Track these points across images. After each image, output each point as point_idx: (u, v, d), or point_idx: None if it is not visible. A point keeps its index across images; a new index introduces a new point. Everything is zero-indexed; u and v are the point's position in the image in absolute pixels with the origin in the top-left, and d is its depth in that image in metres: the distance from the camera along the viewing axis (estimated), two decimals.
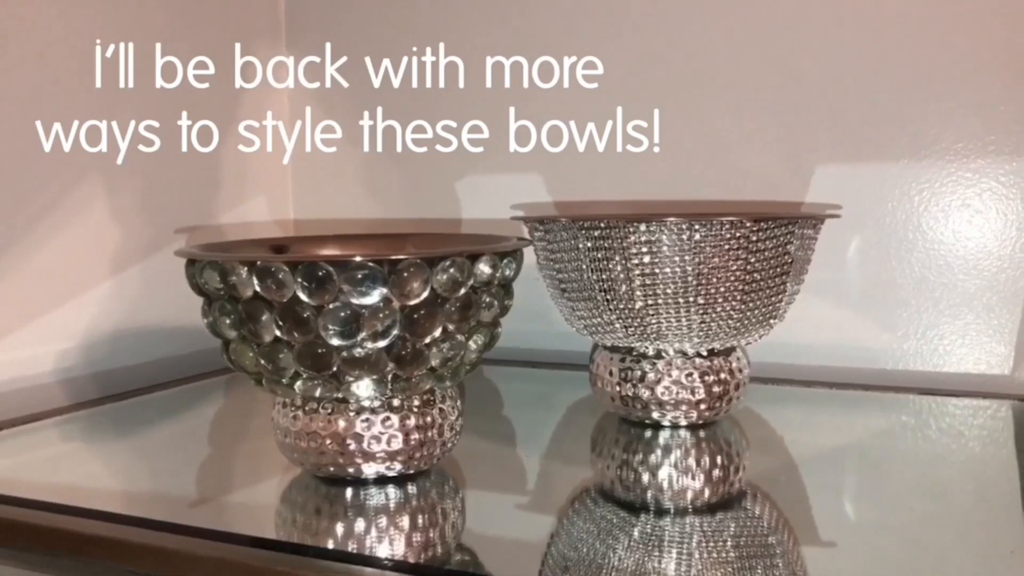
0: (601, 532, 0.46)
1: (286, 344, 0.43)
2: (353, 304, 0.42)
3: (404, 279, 0.42)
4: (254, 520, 0.47)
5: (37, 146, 0.67)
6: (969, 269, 0.69)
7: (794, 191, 0.72)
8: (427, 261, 0.42)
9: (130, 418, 0.67)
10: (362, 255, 0.41)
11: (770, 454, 0.59)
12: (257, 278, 0.42)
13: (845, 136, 0.71)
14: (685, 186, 0.76)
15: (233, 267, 0.42)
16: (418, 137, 0.84)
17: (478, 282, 0.44)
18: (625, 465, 0.55)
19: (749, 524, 0.50)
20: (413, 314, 0.43)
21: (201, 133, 0.80)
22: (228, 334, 0.45)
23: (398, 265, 0.41)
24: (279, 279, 0.41)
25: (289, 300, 0.42)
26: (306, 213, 0.91)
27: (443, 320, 0.44)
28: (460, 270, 0.43)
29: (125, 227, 0.74)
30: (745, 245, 0.52)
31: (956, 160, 0.68)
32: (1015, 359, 0.68)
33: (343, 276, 0.41)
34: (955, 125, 0.68)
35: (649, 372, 0.56)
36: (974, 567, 0.42)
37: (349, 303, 0.42)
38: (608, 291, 0.54)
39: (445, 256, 0.42)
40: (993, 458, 0.58)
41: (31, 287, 0.67)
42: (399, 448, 0.46)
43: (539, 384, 0.78)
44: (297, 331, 0.42)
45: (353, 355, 0.43)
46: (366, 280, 0.41)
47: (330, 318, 0.42)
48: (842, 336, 0.73)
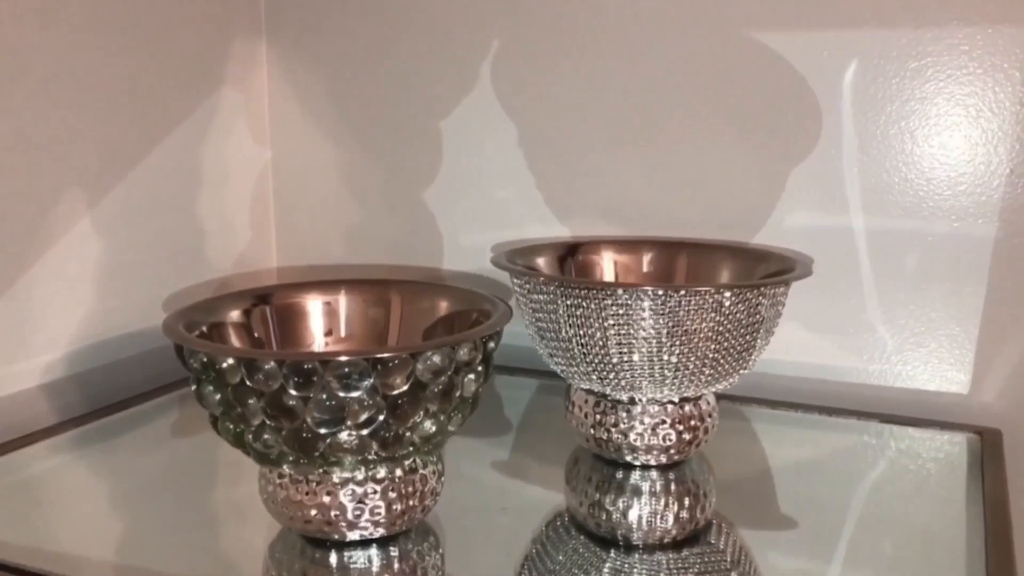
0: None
1: (272, 429, 0.44)
2: (339, 396, 0.43)
3: (389, 370, 0.43)
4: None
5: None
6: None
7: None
8: (412, 355, 0.43)
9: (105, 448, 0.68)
10: (348, 353, 0.42)
11: (735, 485, 0.62)
12: (245, 369, 0.43)
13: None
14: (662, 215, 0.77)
15: (220, 357, 0.43)
16: (396, 134, 0.84)
17: (460, 364, 0.46)
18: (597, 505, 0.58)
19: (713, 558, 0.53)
20: (397, 401, 0.44)
21: (183, 135, 0.80)
22: (214, 410, 0.46)
23: (383, 360, 0.43)
24: (267, 371, 0.43)
25: (276, 390, 0.43)
26: (287, 213, 0.92)
27: (426, 404, 0.45)
28: (444, 358, 0.44)
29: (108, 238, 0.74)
30: (717, 309, 0.53)
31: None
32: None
33: (330, 371, 0.42)
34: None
35: (623, 419, 0.58)
36: None
37: (335, 395, 0.43)
38: (584, 346, 0.55)
39: (429, 348, 0.44)
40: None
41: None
42: (382, 517, 0.48)
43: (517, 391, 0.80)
44: (283, 418, 0.44)
45: (338, 441, 0.44)
46: (352, 374, 0.42)
47: (316, 408, 0.43)
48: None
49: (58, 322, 0.71)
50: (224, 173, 0.86)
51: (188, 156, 0.82)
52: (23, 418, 0.68)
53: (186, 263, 0.83)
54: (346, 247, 0.90)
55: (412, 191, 0.86)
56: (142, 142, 0.76)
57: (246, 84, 0.87)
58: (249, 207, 0.90)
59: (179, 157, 0.80)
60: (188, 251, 0.83)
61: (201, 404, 0.47)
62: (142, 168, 0.76)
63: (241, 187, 0.89)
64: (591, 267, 0.70)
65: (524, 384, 0.81)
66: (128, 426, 0.70)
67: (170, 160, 0.79)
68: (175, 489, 0.61)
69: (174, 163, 0.80)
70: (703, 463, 0.63)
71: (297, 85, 0.88)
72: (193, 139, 0.82)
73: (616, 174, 0.78)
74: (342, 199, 0.89)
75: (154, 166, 0.78)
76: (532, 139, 0.80)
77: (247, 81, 0.87)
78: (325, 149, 0.89)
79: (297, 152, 0.90)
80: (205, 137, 0.83)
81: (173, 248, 0.81)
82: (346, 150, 0.88)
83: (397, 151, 0.86)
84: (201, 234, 0.84)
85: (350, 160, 0.88)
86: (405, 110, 0.84)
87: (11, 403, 0.68)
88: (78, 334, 0.72)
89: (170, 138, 0.79)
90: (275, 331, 0.55)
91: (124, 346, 0.77)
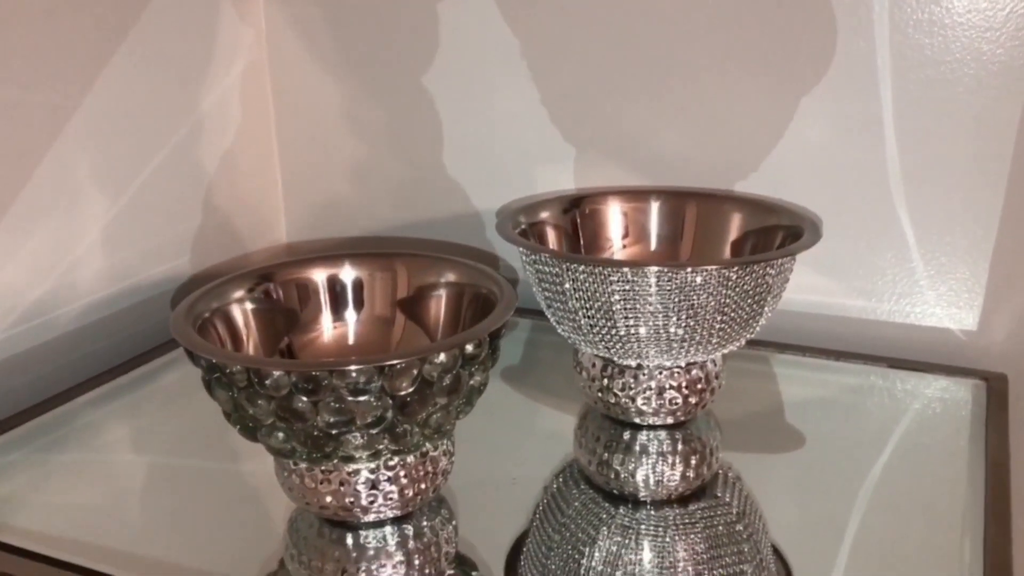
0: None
1: (283, 428, 0.45)
2: (347, 400, 0.43)
3: (397, 372, 0.43)
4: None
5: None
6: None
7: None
8: (419, 359, 0.43)
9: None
10: (356, 362, 0.42)
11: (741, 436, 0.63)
12: (253, 375, 0.43)
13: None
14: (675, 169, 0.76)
15: (228, 364, 0.43)
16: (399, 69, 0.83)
17: (467, 358, 0.46)
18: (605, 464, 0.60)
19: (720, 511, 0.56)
20: (405, 400, 0.44)
21: (180, 73, 0.79)
22: (225, 406, 0.47)
23: (391, 365, 0.43)
24: (275, 378, 0.43)
25: (286, 394, 0.43)
26: (290, 151, 0.90)
27: (434, 399, 0.45)
28: (451, 357, 0.45)
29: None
30: (724, 283, 0.53)
31: None
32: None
33: (338, 378, 0.43)
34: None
35: (630, 383, 0.59)
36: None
37: (344, 399, 0.43)
38: (591, 318, 0.55)
39: (436, 350, 0.44)
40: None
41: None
42: (395, 501, 0.49)
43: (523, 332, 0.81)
44: (293, 419, 0.44)
45: (348, 439, 0.45)
46: (360, 381, 0.43)
47: (325, 411, 0.44)
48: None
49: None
50: (225, 111, 0.84)
51: (187, 97, 0.80)
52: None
53: (190, 206, 0.82)
54: (351, 186, 0.89)
55: (417, 129, 0.84)
56: (140, 87, 0.75)
57: (243, 12, 0.84)
58: (251, 145, 0.89)
59: (178, 98, 0.79)
60: (190, 194, 0.82)
61: (212, 398, 0.47)
62: (141, 112, 0.75)
63: (242, 125, 0.87)
64: (598, 220, 0.69)
65: (528, 326, 0.82)
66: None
67: (168, 101, 0.78)
68: (196, 455, 0.62)
69: (172, 104, 0.78)
70: (710, 419, 0.64)
71: (296, 19, 0.85)
72: (194, 77, 0.80)
73: (627, 115, 0.76)
74: (345, 137, 0.87)
75: (151, 109, 0.76)
76: (541, 76, 0.78)
77: (245, 16, 0.85)
78: (326, 83, 0.87)
79: (299, 88, 0.88)
80: (204, 74, 0.81)
81: (175, 192, 0.80)
82: (347, 86, 0.86)
83: (400, 87, 0.84)
84: (202, 175, 0.83)
85: (352, 96, 0.86)
86: (408, 45, 0.82)
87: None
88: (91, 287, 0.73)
89: (167, 77, 0.77)
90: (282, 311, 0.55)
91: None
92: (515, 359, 0.77)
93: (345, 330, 0.57)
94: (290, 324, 0.56)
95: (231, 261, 0.87)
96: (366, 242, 0.89)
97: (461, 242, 0.85)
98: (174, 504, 0.57)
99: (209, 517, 0.56)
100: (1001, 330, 0.70)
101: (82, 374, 0.71)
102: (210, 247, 0.85)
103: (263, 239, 0.92)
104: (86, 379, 0.70)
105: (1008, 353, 0.70)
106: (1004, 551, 0.48)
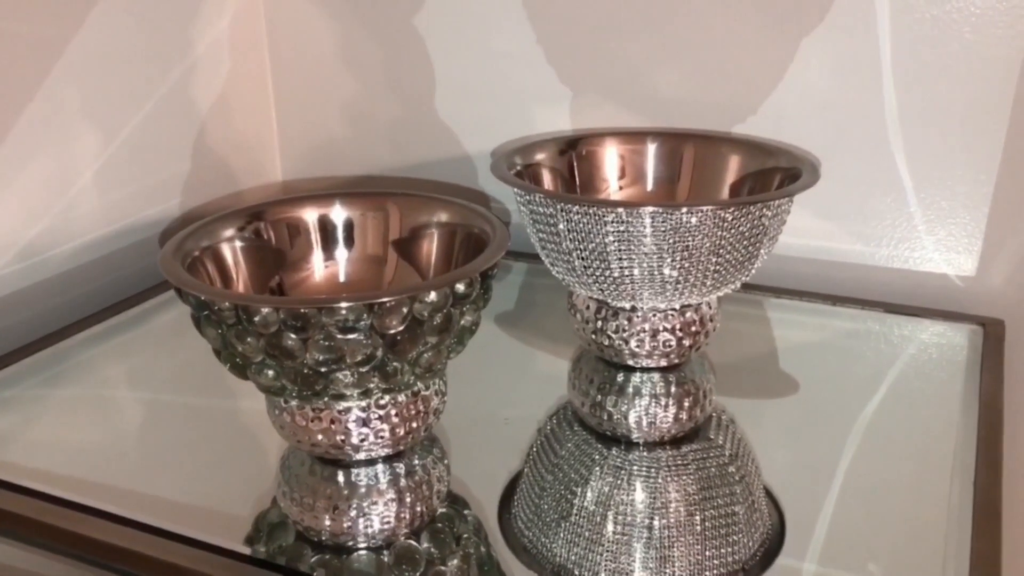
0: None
1: (273, 366, 0.45)
2: (337, 338, 0.43)
3: (386, 310, 0.43)
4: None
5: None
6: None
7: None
8: (409, 297, 0.43)
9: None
10: (345, 299, 0.42)
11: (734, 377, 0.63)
12: (242, 312, 0.43)
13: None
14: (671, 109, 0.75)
15: (216, 301, 0.43)
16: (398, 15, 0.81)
17: (458, 297, 0.46)
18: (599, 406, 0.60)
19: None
20: (396, 338, 0.44)
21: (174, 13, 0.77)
22: (215, 343, 0.46)
23: (380, 303, 0.43)
24: (264, 316, 0.43)
25: (275, 332, 0.43)
26: (285, 90, 0.89)
27: (424, 337, 0.45)
28: (441, 295, 0.44)
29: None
30: (720, 224, 0.52)
31: None
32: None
33: (327, 315, 0.42)
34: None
35: (623, 326, 0.58)
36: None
37: (333, 337, 0.43)
38: (585, 260, 0.55)
39: (426, 288, 0.44)
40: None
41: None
42: (387, 439, 0.49)
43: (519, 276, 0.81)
44: (283, 357, 0.44)
45: (338, 377, 0.45)
46: (349, 318, 0.42)
47: (315, 349, 0.43)
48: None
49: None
50: (219, 51, 0.83)
51: (181, 36, 0.79)
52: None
53: (185, 146, 0.82)
54: (346, 127, 0.88)
55: (412, 70, 0.83)
56: (133, 23, 0.73)
57: None
58: (246, 86, 0.87)
59: (172, 37, 0.78)
60: (185, 134, 0.81)
61: (202, 335, 0.47)
62: (134, 50, 0.74)
63: (237, 66, 0.86)
64: (594, 161, 0.68)
65: (523, 269, 0.81)
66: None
67: (162, 40, 0.77)
68: (189, 394, 0.63)
69: (166, 42, 0.77)
70: (704, 363, 0.64)
71: None
72: (188, 17, 0.79)
73: (626, 55, 0.75)
74: (340, 77, 0.86)
75: (144, 48, 0.75)
76: (538, 15, 0.77)
77: None
78: (321, 23, 0.85)
79: (294, 28, 0.86)
80: (197, 14, 0.80)
81: (170, 132, 0.80)
82: (342, 26, 0.84)
83: (395, 27, 0.82)
84: (197, 115, 0.82)
85: (347, 36, 0.84)
86: None
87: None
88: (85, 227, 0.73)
89: (161, 15, 0.76)
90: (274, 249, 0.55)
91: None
92: (510, 303, 0.77)
93: (336, 270, 0.57)
94: (281, 263, 0.55)
95: (222, 199, 0.86)
96: (362, 182, 0.89)
97: (458, 183, 0.85)
98: (168, 442, 0.58)
99: (202, 455, 0.56)
100: (999, 276, 0.70)
101: (77, 313, 0.71)
102: (205, 188, 0.84)
103: (258, 181, 0.91)
104: (81, 318, 0.70)
105: (1005, 299, 0.70)
106: (993, 494, 0.48)
